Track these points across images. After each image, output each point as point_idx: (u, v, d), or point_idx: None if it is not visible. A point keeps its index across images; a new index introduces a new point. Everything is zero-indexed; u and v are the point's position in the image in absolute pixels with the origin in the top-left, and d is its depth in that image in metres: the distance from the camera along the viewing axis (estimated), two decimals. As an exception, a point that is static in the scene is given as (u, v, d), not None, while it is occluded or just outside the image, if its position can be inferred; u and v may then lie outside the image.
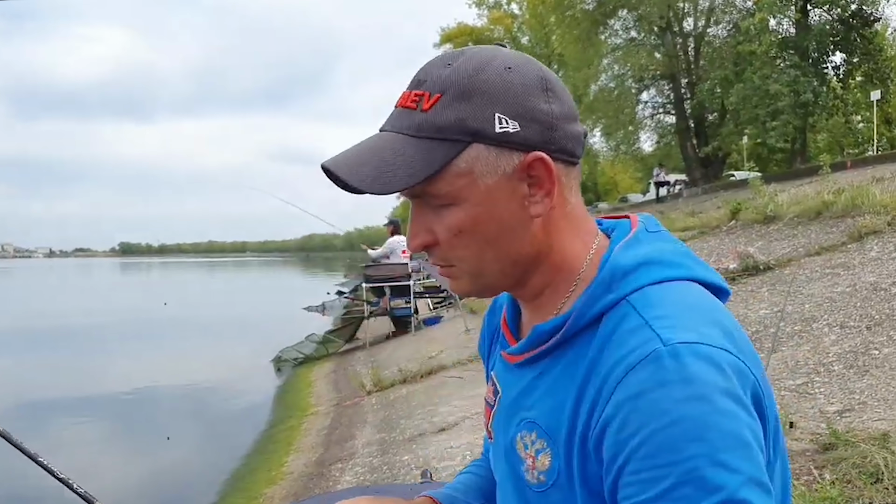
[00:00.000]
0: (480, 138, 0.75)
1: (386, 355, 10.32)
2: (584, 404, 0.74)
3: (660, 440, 0.65)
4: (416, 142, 0.75)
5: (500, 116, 0.74)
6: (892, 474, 2.60)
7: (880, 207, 7.83)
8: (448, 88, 0.75)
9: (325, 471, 5.37)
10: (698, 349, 0.68)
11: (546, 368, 0.82)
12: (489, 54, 0.78)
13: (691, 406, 0.66)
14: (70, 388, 10.62)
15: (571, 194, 0.81)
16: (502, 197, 0.77)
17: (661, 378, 0.67)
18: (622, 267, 0.77)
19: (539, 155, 0.76)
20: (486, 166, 0.75)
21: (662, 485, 0.65)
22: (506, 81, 0.75)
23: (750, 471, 0.65)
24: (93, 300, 31.50)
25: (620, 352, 0.71)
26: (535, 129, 0.75)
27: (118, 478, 6.57)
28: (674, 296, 0.75)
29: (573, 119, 0.79)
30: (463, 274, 0.82)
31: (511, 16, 44.01)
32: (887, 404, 3.48)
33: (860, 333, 4.65)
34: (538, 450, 0.80)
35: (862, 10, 24.64)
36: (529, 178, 0.77)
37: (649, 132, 38.16)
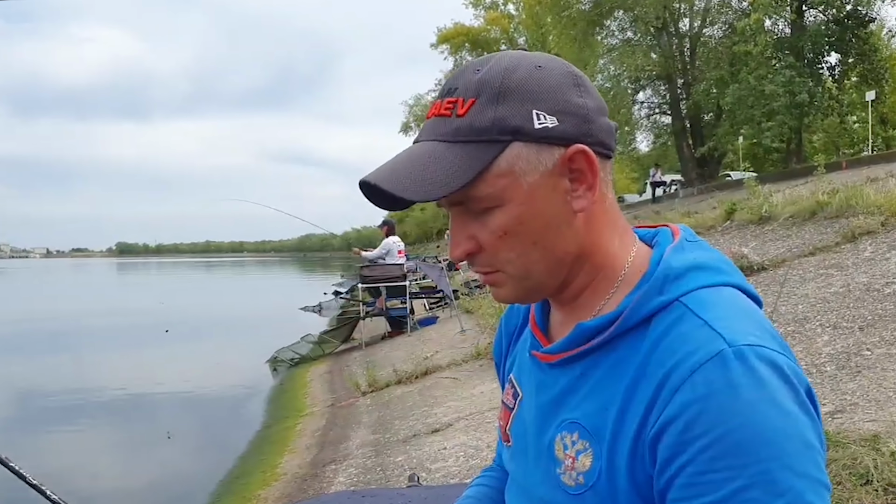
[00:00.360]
0: (520, 136, 0.74)
1: (381, 356, 10.31)
2: (636, 404, 0.73)
3: (730, 442, 0.65)
4: (456, 146, 0.75)
5: (537, 113, 0.74)
6: (882, 476, 2.60)
7: (874, 208, 7.84)
8: (482, 91, 0.75)
9: (319, 472, 5.37)
10: (762, 352, 0.69)
11: (587, 368, 0.80)
12: (517, 56, 0.78)
13: (761, 409, 0.66)
14: (63, 388, 10.59)
15: (608, 189, 0.81)
16: (545, 194, 0.76)
17: (730, 379, 0.67)
18: (674, 270, 0.77)
19: (580, 147, 0.75)
20: (528, 164, 0.75)
21: (730, 486, 0.65)
22: (538, 79, 0.75)
23: (815, 474, 0.66)
24: (88, 300, 31.44)
25: (682, 351, 0.71)
26: (573, 123, 0.76)
27: (111, 478, 6.57)
28: (727, 300, 0.76)
29: (604, 112, 0.80)
30: (508, 279, 0.81)
31: (508, 16, 44.03)
32: (878, 405, 3.48)
33: (853, 334, 4.66)
34: (579, 451, 0.79)
35: (857, 11, 24.71)
36: (570, 173, 0.77)
37: (646, 132, 38.34)
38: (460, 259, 0.81)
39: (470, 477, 4.07)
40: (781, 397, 0.67)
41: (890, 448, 2.77)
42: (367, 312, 12.26)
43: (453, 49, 43.43)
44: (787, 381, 0.68)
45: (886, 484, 2.57)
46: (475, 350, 7.87)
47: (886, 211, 7.50)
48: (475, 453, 4.56)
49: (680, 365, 0.70)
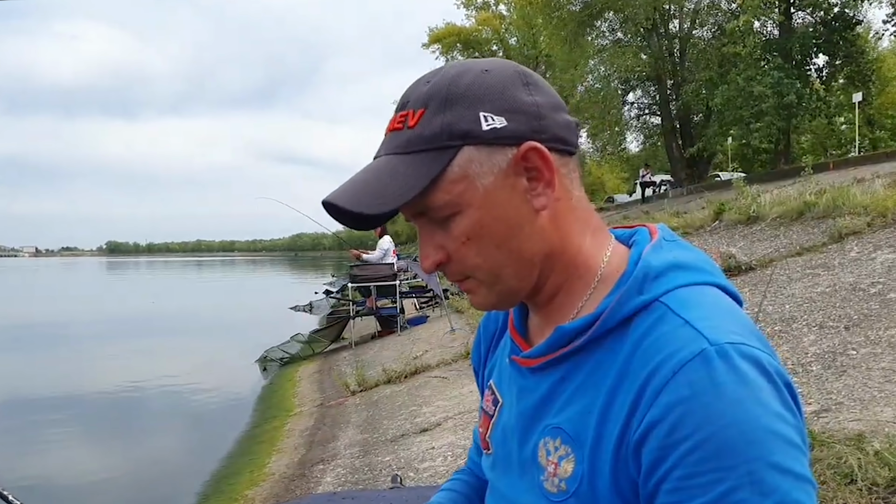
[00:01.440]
0: (470, 139, 0.74)
1: (371, 355, 10.30)
2: (619, 407, 0.72)
3: (716, 444, 0.64)
4: (409, 157, 0.75)
5: (485, 115, 0.74)
6: (866, 475, 2.62)
7: (860, 208, 7.90)
8: (431, 101, 0.75)
9: (307, 472, 5.35)
10: (744, 350, 0.68)
11: (568, 372, 0.79)
12: (466, 63, 0.78)
13: (746, 408, 0.65)
14: (50, 388, 10.53)
15: (574, 186, 0.81)
16: (503, 195, 0.75)
17: (714, 379, 0.66)
18: (653, 269, 0.76)
19: (532, 144, 0.75)
20: (481, 167, 0.75)
21: (718, 489, 0.64)
22: (485, 82, 0.75)
23: (800, 471, 0.66)
24: (77, 299, 31.25)
25: (664, 352, 0.70)
26: (522, 121, 0.75)
27: (97, 478, 6.53)
28: (708, 299, 0.75)
29: (561, 109, 0.79)
30: (480, 285, 0.81)
31: (499, 16, 44.03)
32: (863, 405, 3.50)
33: (838, 334, 4.69)
34: (561, 456, 0.77)
35: (844, 13, 24.84)
36: (527, 172, 0.76)
37: (635, 133, 38.39)
38: (431, 270, 0.81)
39: (458, 476, 4.07)
40: (766, 396, 0.67)
41: (874, 448, 2.79)
42: (357, 312, 12.25)
43: (445, 49, 43.40)
44: (770, 379, 0.68)
45: (870, 483, 2.59)
46: (464, 349, 7.87)
47: (872, 211, 7.56)
48: (463, 453, 4.55)
49: (662, 366, 0.69)
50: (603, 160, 43.55)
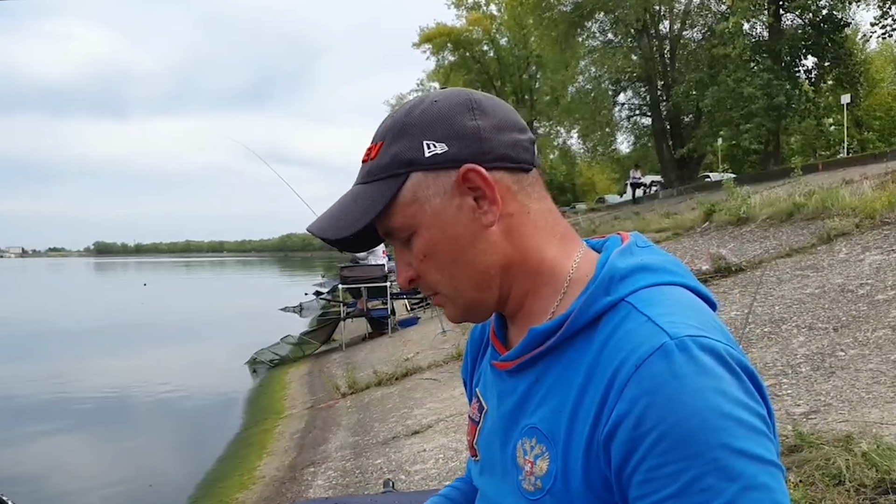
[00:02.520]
0: (416, 166, 0.80)
1: (362, 357, 10.29)
2: (588, 404, 0.74)
3: (680, 433, 0.66)
4: (369, 186, 0.83)
5: (427, 143, 0.80)
6: (854, 476, 2.63)
7: (849, 210, 7.95)
8: (387, 134, 0.83)
9: (298, 475, 5.34)
10: (703, 341, 0.70)
11: (542, 373, 0.82)
12: (422, 96, 0.85)
13: (706, 397, 0.67)
14: (38, 390, 10.46)
15: (531, 200, 0.84)
16: (452, 214, 0.81)
17: (674, 371, 0.68)
18: (619, 271, 0.79)
19: (469, 166, 0.80)
20: (428, 190, 0.81)
21: (684, 478, 0.66)
22: (432, 112, 0.82)
23: (766, 455, 0.68)
24: (65, 300, 31.05)
25: (627, 348, 0.72)
26: (463, 145, 0.80)
27: (87, 482, 6.49)
28: (672, 296, 0.77)
29: (509, 129, 0.83)
30: (446, 299, 0.86)
31: (490, 17, 43.97)
32: (851, 406, 3.53)
33: (827, 335, 4.72)
34: (537, 455, 0.79)
35: (833, 15, 24.96)
36: (472, 191, 0.80)
37: (626, 134, 38.43)
38: (405, 287, 0.90)
39: (449, 479, 4.07)
40: (726, 385, 0.68)
41: (862, 449, 2.80)
42: (347, 313, 12.23)
43: (435, 49, 43.32)
44: (729, 368, 0.70)
45: (858, 484, 2.60)
46: (456, 351, 7.88)
47: (861, 213, 7.60)
48: (455, 455, 4.55)
49: (626, 361, 0.71)
50: (594, 161, 43.65)
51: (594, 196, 50.53)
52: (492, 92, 14.59)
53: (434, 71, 45.18)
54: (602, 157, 39.96)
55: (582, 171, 54.21)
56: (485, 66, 44.03)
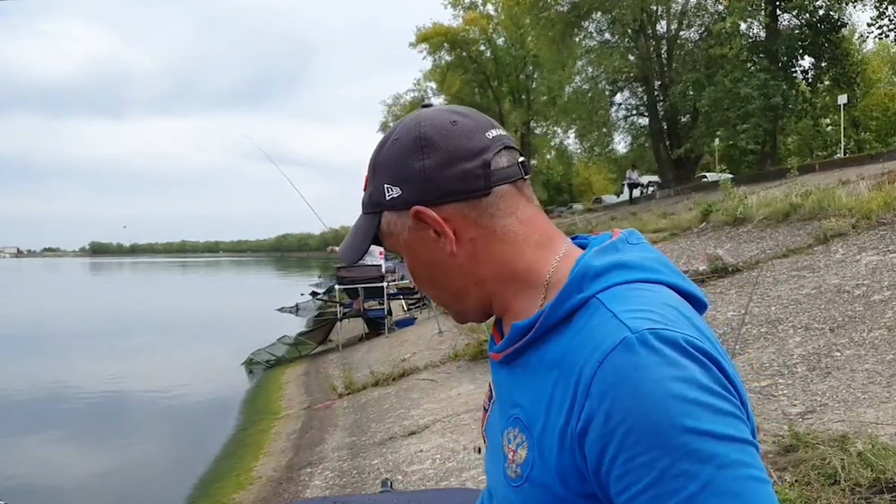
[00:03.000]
0: (383, 207, 0.91)
1: (358, 357, 10.28)
2: (560, 398, 0.77)
3: (647, 424, 0.68)
4: (363, 217, 0.95)
5: (387, 186, 0.89)
6: (849, 476, 2.64)
7: (846, 210, 7.96)
8: (369, 170, 0.93)
9: (295, 475, 5.34)
10: (662, 333, 0.73)
11: (525, 366, 0.86)
12: (393, 128, 0.92)
13: (669, 386, 0.69)
14: (34, 391, 10.45)
15: (496, 219, 0.88)
16: (419, 245, 0.90)
17: (635, 363, 0.71)
18: (593, 268, 0.82)
19: (417, 209, 0.87)
20: (396, 227, 0.91)
21: (658, 466, 0.68)
22: (390, 154, 0.90)
23: (736, 434, 0.70)
24: (60, 301, 31.00)
25: (591, 344, 0.75)
26: (412, 188, 0.88)
27: (83, 483, 6.48)
28: (643, 294, 0.79)
29: (458, 161, 0.87)
30: (440, 305, 0.99)
31: (487, 16, 43.96)
32: (847, 406, 3.54)
33: (823, 335, 4.73)
34: (518, 444, 0.83)
35: (829, 16, 25.01)
36: (428, 226, 0.88)
37: (623, 134, 38.50)
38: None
39: (446, 479, 4.07)
40: (688, 372, 0.71)
41: (857, 448, 2.81)
42: (344, 314, 12.21)
43: (432, 49, 43.32)
44: (690, 356, 0.72)
45: (853, 484, 2.61)
46: (453, 352, 7.87)
47: (857, 213, 7.62)
48: (452, 455, 4.55)
49: (590, 357, 0.74)
50: (591, 161, 43.68)
51: (591, 196, 50.57)
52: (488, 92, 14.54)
53: (431, 71, 45.20)
54: (599, 158, 39.99)
55: (579, 171, 54.28)
56: (481, 66, 44.03)
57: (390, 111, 48.39)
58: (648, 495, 0.68)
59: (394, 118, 48.10)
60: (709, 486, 0.67)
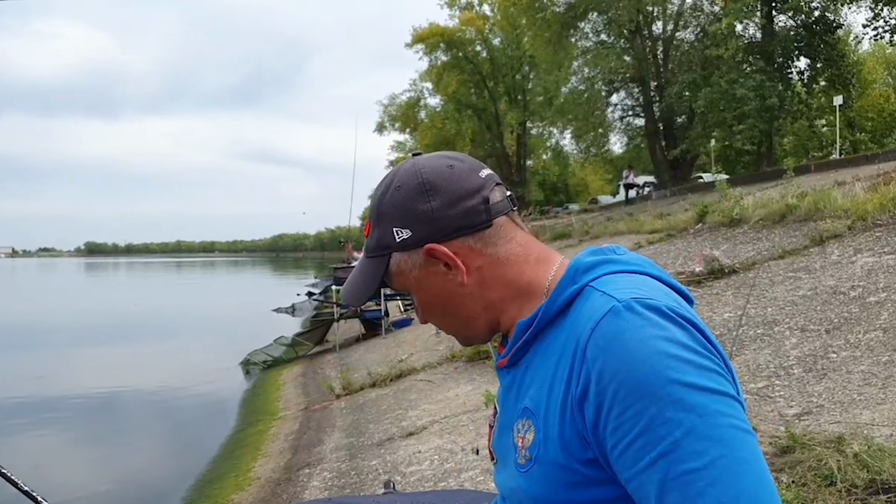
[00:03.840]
0: (393, 249, 0.98)
1: (356, 358, 10.29)
2: (561, 374, 0.85)
3: (634, 379, 0.75)
4: (367, 262, 1.02)
5: (396, 230, 0.96)
6: (846, 477, 2.66)
7: (841, 212, 7.99)
8: (371, 217, 1.01)
9: (293, 476, 5.34)
10: (646, 301, 0.81)
11: (529, 361, 0.94)
12: (390, 178, 0.99)
13: (652, 344, 0.77)
14: (31, 391, 10.43)
15: (499, 246, 0.97)
16: (430, 280, 0.97)
17: (621, 327, 0.79)
18: (584, 264, 0.92)
19: (429, 246, 0.95)
20: (406, 265, 0.98)
21: (647, 415, 0.74)
22: (394, 200, 0.97)
23: (716, 387, 0.76)
24: (57, 301, 30.91)
25: (585, 320, 0.84)
26: (422, 228, 0.95)
27: (79, 484, 6.47)
28: (630, 278, 0.89)
29: (461, 200, 0.95)
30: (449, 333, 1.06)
31: (483, 17, 43.95)
32: (843, 407, 3.56)
33: (819, 337, 4.75)
34: (526, 430, 0.90)
35: (825, 17, 25.08)
36: (439, 261, 0.95)
37: (619, 134, 38.49)
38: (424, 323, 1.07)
39: (444, 480, 4.08)
40: (670, 333, 0.78)
41: (853, 450, 2.83)
42: (341, 314, 12.21)
43: (428, 49, 43.30)
44: (673, 321, 0.80)
45: (850, 485, 2.63)
46: (450, 353, 7.88)
47: (853, 215, 7.64)
48: (450, 456, 4.57)
49: (584, 328, 0.82)
50: (587, 161, 43.71)
51: (587, 197, 50.56)
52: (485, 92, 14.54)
53: (427, 71, 45.15)
54: (595, 158, 40.03)
55: (575, 171, 54.24)
56: (478, 67, 44.01)
57: (386, 111, 48.30)
58: (639, 444, 0.74)
59: (390, 118, 48.05)
60: (692, 433, 0.72)
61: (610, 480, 0.81)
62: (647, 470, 0.74)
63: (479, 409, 5.46)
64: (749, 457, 0.73)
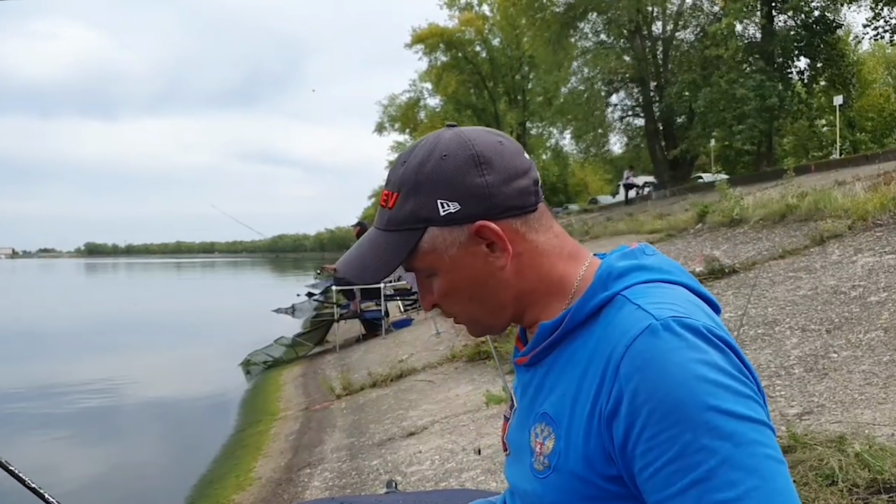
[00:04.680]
0: (432, 223, 0.89)
1: (356, 358, 10.29)
2: (588, 386, 0.83)
3: (670, 403, 0.73)
4: (388, 235, 0.92)
5: (441, 202, 0.88)
6: (847, 477, 2.66)
7: (841, 211, 8.00)
8: (403, 186, 0.91)
9: (294, 476, 5.34)
10: (685, 321, 0.79)
11: (552, 364, 0.91)
12: (430, 146, 0.91)
13: (691, 368, 0.75)
14: (32, 391, 10.43)
15: (539, 234, 0.93)
16: (467, 261, 0.90)
17: (660, 347, 0.76)
18: (617, 269, 0.89)
19: (482, 223, 0.88)
20: (444, 242, 0.90)
21: (680, 441, 0.73)
22: (442, 170, 0.89)
23: (753, 415, 0.74)
24: (58, 301, 30.90)
25: (618, 333, 0.81)
26: (475, 203, 0.88)
27: (80, 485, 6.47)
28: (664, 290, 0.86)
29: (515, 178, 0.90)
30: (465, 323, 0.98)
31: (482, 17, 43.99)
32: (844, 407, 3.56)
33: (820, 337, 4.75)
34: (545, 437, 0.88)
35: (825, 17, 25.11)
36: (484, 241, 0.89)
37: (619, 134, 38.52)
38: (429, 310, 1.00)
39: (445, 480, 4.08)
40: (709, 356, 0.76)
41: (855, 449, 2.83)
42: (341, 315, 12.21)
43: (428, 50, 43.33)
44: (711, 343, 0.78)
45: (851, 485, 2.63)
46: (450, 353, 7.89)
47: (853, 215, 7.65)
48: (451, 456, 4.57)
49: (618, 344, 0.80)
50: (586, 161, 43.75)
51: (587, 197, 50.58)
52: (484, 93, 14.49)
53: (426, 71, 45.17)
54: (595, 158, 40.07)
55: (574, 171, 54.27)
56: (477, 67, 44.04)
57: (386, 111, 48.33)
58: (671, 469, 0.73)
59: (389, 118, 48.07)
60: (727, 462, 0.71)
61: (630, 497, 0.80)
62: (679, 496, 0.73)
63: (479, 408, 5.46)
64: (783, 488, 0.72)
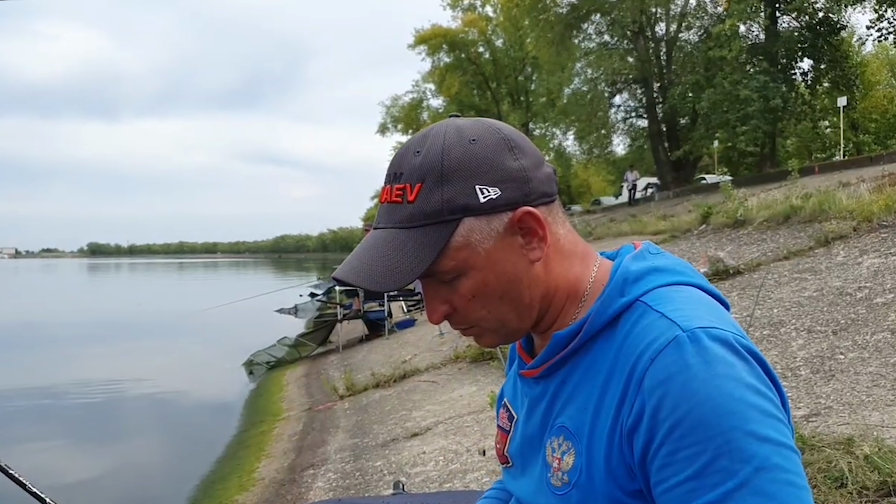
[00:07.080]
0: (469, 212, 0.80)
1: (359, 359, 10.28)
2: (610, 398, 0.78)
3: (693, 419, 0.70)
4: (413, 231, 0.80)
5: (480, 188, 0.80)
6: (856, 479, 2.64)
7: (846, 213, 7.97)
8: (426, 175, 0.80)
9: (297, 477, 5.33)
10: (713, 332, 0.74)
11: (568, 374, 0.86)
12: (452, 132, 0.82)
13: (717, 384, 0.71)
14: (34, 391, 10.43)
15: (559, 226, 0.87)
16: (503, 254, 0.82)
17: (686, 360, 0.72)
18: (633, 273, 0.84)
19: (525, 209, 0.81)
20: (482, 234, 0.81)
21: (700, 461, 0.69)
22: (474, 154, 0.80)
23: (778, 438, 0.70)
24: (61, 301, 30.94)
25: (643, 343, 0.76)
26: (514, 187, 0.81)
27: (84, 485, 6.46)
28: (684, 294, 0.82)
29: (541, 163, 0.85)
30: (485, 331, 0.88)
31: (485, 18, 44.03)
32: (852, 409, 3.54)
33: (826, 338, 4.73)
34: (564, 451, 0.84)
35: (829, 18, 25.10)
36: (521, 230, 0.82)
37: (622, 135, 38.58)
38: (439, 322, 0.88)
39: (450, 481, 4.07)
40: (737, 371, 0.72)
41: (864, 451, 2.81)
42: (344, 315, 12.21)
43: (431, 50, 43.38)
44: (739, 355, 0.74)
45: (860, 487, 2.61)
46: (454, 353, 7.87)
47: (858, 216, 7.62)
48: (455, 457, 4.55)
49: (642, 355, 0.75)
50: (589, 163, 43.72)
51: (590, 198, 50.57)
52: (487, 94, 14.51)
53: (429, 72, 45.21)
54: (598, 159, 40.05)
55: (577, 172, 54.23)
56: (480, 68, 44.07)
57: (388, 112, 48.35)
58: (687, 487, 0.70)
59: (392, 119, 48.08)
60: (746, 485, 0.68)
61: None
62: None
63: (483, 409, 5.44)
64: None
